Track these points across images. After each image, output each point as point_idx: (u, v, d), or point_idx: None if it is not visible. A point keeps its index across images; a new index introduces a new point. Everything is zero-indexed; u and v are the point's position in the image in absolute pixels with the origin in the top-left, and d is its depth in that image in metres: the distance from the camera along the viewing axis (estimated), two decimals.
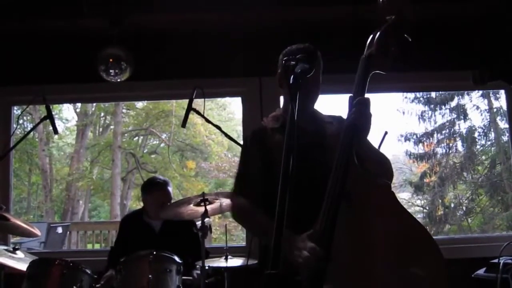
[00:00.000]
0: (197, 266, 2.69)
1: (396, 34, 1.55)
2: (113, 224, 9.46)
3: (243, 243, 3.91)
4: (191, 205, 2.61)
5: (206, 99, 2.84)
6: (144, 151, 13.15)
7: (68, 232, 7.97)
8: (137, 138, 13.36)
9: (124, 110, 12.70)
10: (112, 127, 12.90)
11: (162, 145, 13.16)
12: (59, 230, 7.38)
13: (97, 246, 8.42)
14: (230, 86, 3.70)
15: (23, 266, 2.66)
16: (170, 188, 3.06)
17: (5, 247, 2.78)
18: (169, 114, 12.13)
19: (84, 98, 3.93)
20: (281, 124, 1.81)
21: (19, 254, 2.80)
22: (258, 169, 1.80)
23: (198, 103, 2.97)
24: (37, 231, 2.71)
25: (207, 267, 2.52)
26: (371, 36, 1.61)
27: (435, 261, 1.41)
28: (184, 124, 2.89)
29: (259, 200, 1.75)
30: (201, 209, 2.56)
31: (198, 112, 2.81)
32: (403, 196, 11.58)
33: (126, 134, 12.98)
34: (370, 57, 1.57)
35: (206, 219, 2.55)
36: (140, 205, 3.28)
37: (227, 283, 2.65)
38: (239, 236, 9.44)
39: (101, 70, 3.38)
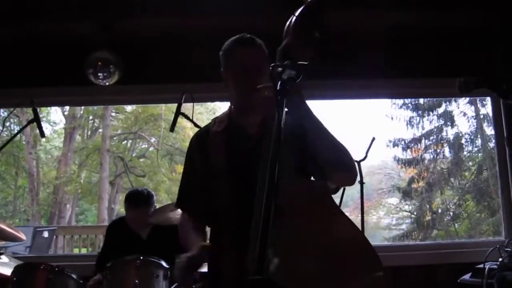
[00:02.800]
0: None
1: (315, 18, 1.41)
2: (100, 229, 9.37)
3: None
4: (180, 210, 2.59)
5: (195, 104, 2.83)
6: (133, 155, 13.08)
7: (55, 237, 7.88)
8: (125, 141, 13.29)
9: (113, 114, 12.62)
10: (100, 130, 12.82)
11: (151, 149, 13.10)
12: (45, 234, 7.30)
13: (84, 251, 8.35)
14: (219, 91, 3.69)
15: (7, 271, 2.62)
16: (152, 201, 3.03)
17: None
18: (158, 118, 12.10)
19: (72, 101, 3.90)
20: (224, 127, 1.71)
21: (4, 258, 2.77)
22: (199, 177, 1.71)
23: (187, 107, 2.96)
24: (22, 236, 2.68)
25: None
26: (287, 23, 1.46)
27: (371, 273, 1.33)
28: (172, 128, 2.89)
29: (201, 212, 1.71)
30: None
31: (186, 117, 2.80)
32: (391, 201, 11.66)
33: (114, 138, 12.91)
34: (286, 47, 1.44)
35: None
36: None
37: None
38: None
39: (90, 74, 3.37)
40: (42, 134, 2.96)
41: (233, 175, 1.60)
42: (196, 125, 2.84)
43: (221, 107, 13.04)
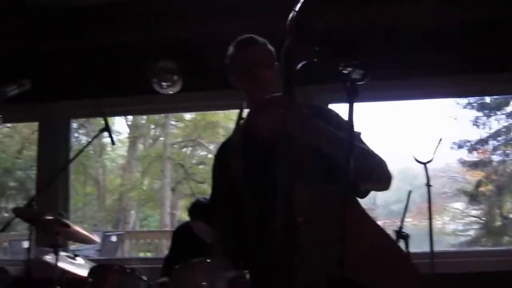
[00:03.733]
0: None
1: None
2: (163, 233, 9.69)
3: None
4: None
5: None
6: (193, 162, 13.39)
7: (122, 241, 8.23)
8: (185, 149, 13.64)
9: (173, 122, 13.01)
10: (161, 138, 13.24)
11: (210, 155, 13.37)
12: (113, 238, 7.65)
13: (148, 255, 8.64)
14: None
15: (82, 272, 2.77)
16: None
17: (66, 254, 2.91)
18: (216, 125, 12.34)
19: (138, 110, 4.07)
20: (241, 135, 1.67)
21: (79, 260, 2.92)
22: (223, 191, 1.67)
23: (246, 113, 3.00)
24: (96, 238, 2.82)
25: None
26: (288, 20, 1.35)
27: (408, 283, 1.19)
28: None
29: (225, 228, 1.68)
30: None
31: None
32: (457, 206, 11.13)
33: (175, 145, 13.28)
34: (289, 48, 1.33)
35: None
36: None
37: None
38: None
39: (154, 83, 3.51)
40: (113, 142, 3.12)
41: (251, 184, 1.55)
42: None
43: None
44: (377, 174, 1.38)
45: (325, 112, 1.54)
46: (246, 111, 2.87)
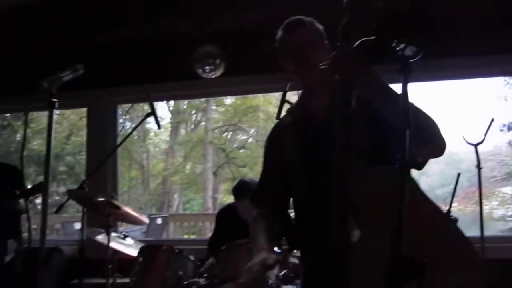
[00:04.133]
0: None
1: None
2: (206, 216, 9.87)
3: None
4: None
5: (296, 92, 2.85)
6: (234, 146, 13.51)
7: (166, 223, 8.45)
8: (226, 133, 13.76)
9: (213, 107, 13.14)
10: (203, 123, 13.41)
11: (250, 140, 13.44)
12: (159, 221, 7.87)
13: (192, 237, 8.84)
14: None
15: (132, 252, 2.88)
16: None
17: (117, 234, 3.02)
18: (256, 109, 12.36)
19: (181, 95, 4.14)
20: (293, 117, 1.66)
21: (128, 241, 3.04)
22: (273, 173, 1.68)
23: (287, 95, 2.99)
24: (145, 219, 2.92)
25: None
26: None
27: (472, 269, 1.15)
28: (278, 116, 2.92)
29: (273, 209, 1.68)
30: None
31: (291, 104, 2.83)
32: (506, 190, 10.73)
33: (216, 130, 13.43)
34: (347, 25, 1.30)
35: None
36: (231, 199, 3.37)
37: None
38: None
39: (197, 67, 3.55)
40: (159, 126, 3.20)
41: (305, 166, 1.54)
42: None
43: None
44: (431, 133, 1.34)
45: None
46: (292, 93, 2.87)
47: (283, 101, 2.86)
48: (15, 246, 3.40)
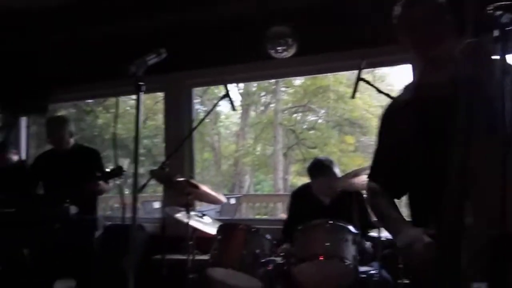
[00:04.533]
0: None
1: None
2: (277, 197, 9.97)
3: None
4: (364, 176, 2.59)
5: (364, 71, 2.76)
6: (304, 127, 13.45)
7: (239, 203, 8.65)
8: (296, 114, 13.71)
9: (282, 88, 13.12)
10: (272, 105, 13.46)
11: (320, 120, 13.30)
12: (232, 201, 8.06)
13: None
14: (397, 55, 3.53)
15: (210, 230, 2.98)
16: (336, 170, 3.08)
17: (195, 213, 3.13)
18: (326, 89, 12.17)
19: (254, 76, 4.16)
20: (411, 95, 1.63)
21: (206, 219, 3.14)
22: (390, 151, 1.64)
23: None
24: (223, 198, 2.99)
25: (383, 239, 2.50)
26: None
27: None
28: (353, 95, 2.87)
29: (392, 186, 1.63)
30: None
31: (368, 82, 2.75)
32: None
33: (285, 112, 13.43)
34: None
35: None
36: (302, 180, 3.37)
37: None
38: None
39: (269, 48, 3.54)
40: (233, 108, 3.25)
41: (426, 142, 1.51)
42: (379, 90, 2.79)
43: (389, 74, 12.56)
44: None
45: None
46: (366, 71, 2.78)
47: (359, 79, 2.79)
48: (103, 223, 3.64)
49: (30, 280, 3.26)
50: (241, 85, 12.61)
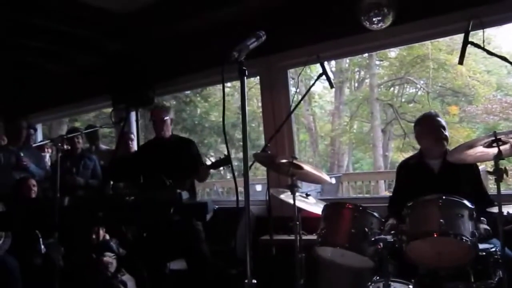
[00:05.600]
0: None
1: None
2: (378, 175, 9.69)
3: None
4: (480, 147, 2.40)
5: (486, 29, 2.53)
6: (402, 101, 12.85)
7: (340, 183, 8.55)
8: (393, 88, 13.14)
9: (377, 62, 12.63)
10: (367, 80, 13.03)
11: (420, 92, 12.60)
12: (333, 180, 7.98)
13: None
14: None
15: (315, 210, 2.97)
16: (439, 119, 2.99)
17: (299, 193, 3.14)
18: (424, 58, 11.46)
19: (349, 51, 4.03)
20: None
21: (310, 199, 3.14)
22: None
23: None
24: (326, 178, 2.97)
25: (506, 213, 2.31)
26: None
27: None
28: (461, 61, 2.64)
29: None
30: (493, 150, 2.33)
31: (477, 45, 2.52)
32: None
33: (381, 86, 12.93)
34: None
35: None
36: (403, 156, 3.22)
37: None
38: None
39: (364, 20, 3.41)
40: (331, 85, 3.20)
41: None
42: (490, 52, 2.56)
43: (496, 35, 11.43)
44: None
45: None
46: (473, 33, 2.56)
47: (467, 42, 2.57)
48: (213, 207, 3.81)
49: (148, 261, 3.53)
50: (333, 62, 12.35)
